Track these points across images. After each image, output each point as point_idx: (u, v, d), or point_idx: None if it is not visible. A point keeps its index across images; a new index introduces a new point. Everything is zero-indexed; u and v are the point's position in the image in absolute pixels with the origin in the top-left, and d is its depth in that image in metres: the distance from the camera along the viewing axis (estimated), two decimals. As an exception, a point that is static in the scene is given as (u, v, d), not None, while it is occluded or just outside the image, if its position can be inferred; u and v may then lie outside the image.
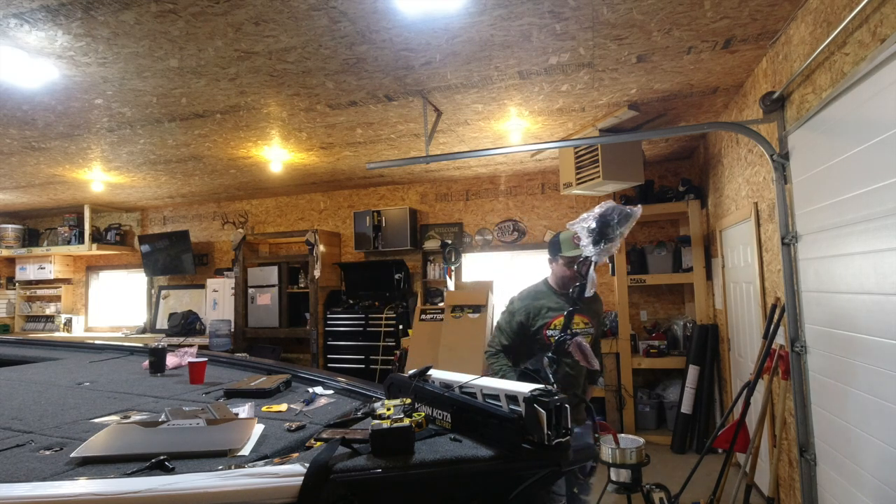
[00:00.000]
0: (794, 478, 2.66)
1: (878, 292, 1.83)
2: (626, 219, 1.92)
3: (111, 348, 3.20)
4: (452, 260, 5.50)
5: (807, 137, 2.35)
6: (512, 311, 2.39)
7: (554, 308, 2.31)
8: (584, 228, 1.97)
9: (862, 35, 1.82)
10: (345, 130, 3.94)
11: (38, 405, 1.77)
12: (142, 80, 2.90)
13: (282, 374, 2.09)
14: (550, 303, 2.33)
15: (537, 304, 2.35)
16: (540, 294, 2.39)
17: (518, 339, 2.35)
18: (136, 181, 5.47)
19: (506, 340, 2.36)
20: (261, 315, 5.99)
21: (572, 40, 2.58)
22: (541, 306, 2.35)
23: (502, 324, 2.42)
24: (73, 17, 2.22)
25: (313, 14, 2.26)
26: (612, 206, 1.95)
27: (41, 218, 7.63)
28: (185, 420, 1.43)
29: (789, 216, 2.53)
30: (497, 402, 1.19)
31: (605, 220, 1.92)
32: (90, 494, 0.94)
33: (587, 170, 4.05)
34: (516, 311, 2.37)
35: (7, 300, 7.55)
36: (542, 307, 2.34)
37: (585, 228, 1.96)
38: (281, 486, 0.96)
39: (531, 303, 2.37)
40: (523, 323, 2.33)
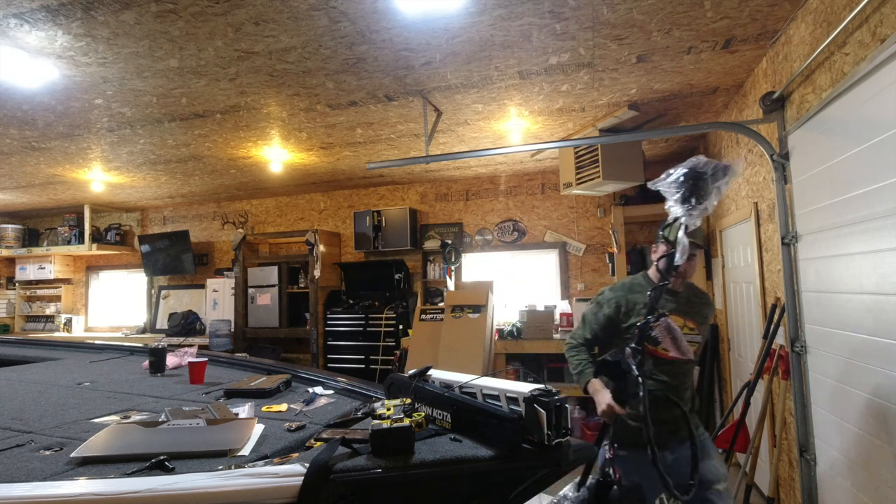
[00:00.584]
0: (794, 478, 2.66)
1: (878, 292, 1.83)
2: (724, 172, 1.63)
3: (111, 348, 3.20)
4: (452, 260, 5.50)
5: (807, 137, 2.35)
6: (600, 302, 2.12)
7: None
8: (670, 183, 1.67)
9: (862, 35, 1.82)
10: (345, 130, 3.94)
11: (38, 405, 1.77)
12: (142, 80, 2.90)
13: (282, 374, 2.09)
14: (647, 298, 1.95)
15: (631, 298, 2.06)
16: (636, 287, 2.09)
17: (605, 334, 2.09)
18: (136, 181, 5.47)
19: (588, 334, 2.12)
20: (261, 315, 5.99)
21: (572, 40, 2.58)
22: (635, 301, 2.05)
23: (587, 315, 2.16)
24: (73, 17, 2.22)
25: (313, 14, 2.26)
26: (705, 159, 1.66)
27: (41, 218, 7.63)
28: (185, 420, 1.43)
29: (789, 216, 2.53)
30: (497, 402, 1.19)
31: (696, 172, 1.63)
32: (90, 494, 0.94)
33: (587, 170, 4.05)
34: (605, 303, 2.10)
35: (7, 300, 7.55)
36: (637, 302, 2.04)
37: (671, 182, 1.66)
38: (281, 486, 0.96)
39: (624, 295, 2.08)
40: (611, 317, 2.06)
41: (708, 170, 1.63)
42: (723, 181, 1.63)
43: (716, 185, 1.63)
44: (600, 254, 5.37)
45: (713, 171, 1.63)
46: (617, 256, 4.79)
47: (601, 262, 5.36)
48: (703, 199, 1.63)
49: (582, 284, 5.42)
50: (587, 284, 5.41)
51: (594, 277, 5.41)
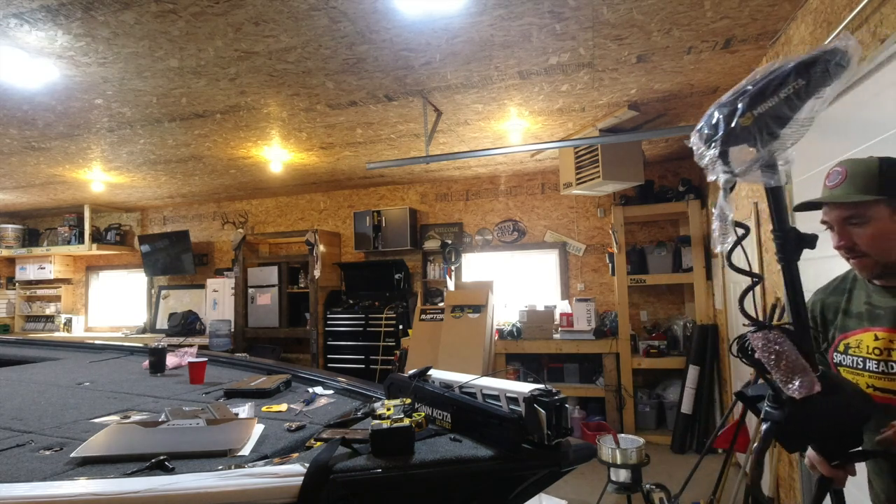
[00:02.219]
0: (793, 478, 2.66)
1: (878, 292, 1.82)
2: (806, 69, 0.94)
3: (111, 348, 3.20)
4: (452, 260, 5.50)
5: (807, 137, 2.34)
6: None
7: (855, 313, 1.28)
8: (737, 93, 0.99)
9: (862, 35, 1.82)
10: (345, 130, 3.94)
11: (38, 405, 1.77)
12: (142, 80, 2.90)
13: (282, 374, 2.09)
14: (854, 302, 1.31)
15: (831, 302, 1.38)
16: (840, 286, 1.40)
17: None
18: (136, 181, 5.47)
19: None
20: (261, 315, 5.99)
21: (572, 40, 2.58)
22: (833, 304, 1.37)
23: None
24: (73, 17, 2.22)
25: (313, 14, 2.26)
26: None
27: (41, 218, 7.63)
28: (185, 420, 1.43)
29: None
30: (497, 402, 1.19)
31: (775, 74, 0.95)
32: (90, 494, 0.94)
33: (587, 170, 4.05)
34: (809, 309, 1.39)
35: (7, 300, 7.55)
36: (838, 308, 1.35)
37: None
38: (281, 486, 0.96)
39: (824, 298, 1.41)
40: (812, 330, 1.34)
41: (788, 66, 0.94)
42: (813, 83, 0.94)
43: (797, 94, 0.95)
44: (600, 254, 5.37)
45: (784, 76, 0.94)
46: (617, 256, 4.79)
47: (601, 262, 5.36)
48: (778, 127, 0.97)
49: (582, 284, 5.42)
50: (587, 284, 5.42)
51: (594, 277, 5.41)
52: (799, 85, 0.95)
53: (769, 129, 0.97)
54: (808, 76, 0.94)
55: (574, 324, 4.82)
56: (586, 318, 4.79)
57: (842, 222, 1.24)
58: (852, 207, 1.20)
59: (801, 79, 0.94)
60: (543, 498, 2.94)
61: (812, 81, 0.94)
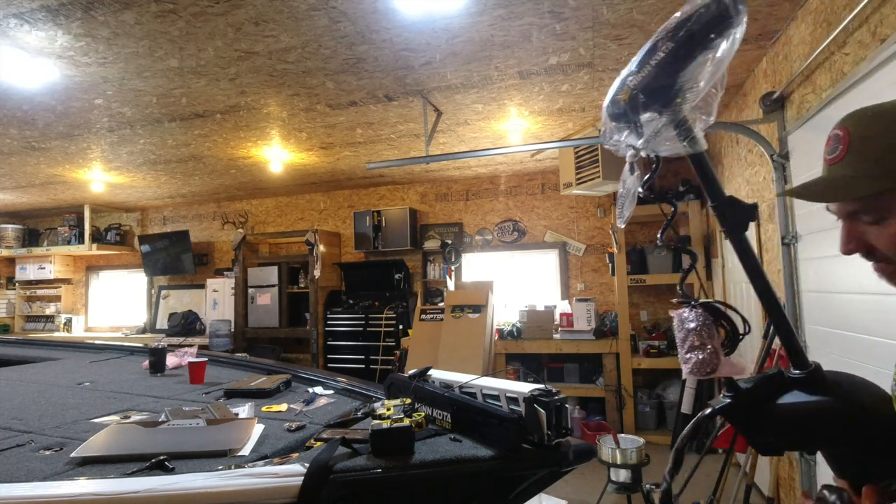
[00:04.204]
0: (793, 478, 2.66)
1: (878, 292, 1.83)
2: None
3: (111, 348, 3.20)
4: (452, 260, 5.50)
5: (807, 138, 2.35)
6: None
7: None
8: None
9: (862, 35, 1.82)
10: (345, 130, 3.94)
11: (38, 405, 1.77)
12: (142, 80, 2.90)
13: (282, 374, 2.09)
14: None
15: None
16: None
17: None
18: (136, 181, 5.47)
19: None
20: (261, 315, 5.99)
21: (572, 40, 2.58)
22: None
23: None
24: (73, 17, 2.22)
25: (313, 14, 2.26)
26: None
27: (41, 218, 7.63)
28: (185, 420, 1.43)
29: (789, 216, 2.53)
30: (497, 402, 1.19)
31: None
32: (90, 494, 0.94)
33: (587, 170, 4.05)
34: None
35: (7, 300, 7.55)
36: None
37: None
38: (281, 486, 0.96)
39: None
40: None
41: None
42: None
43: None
44: (600, 254, 5.37)
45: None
46: (617, 256, 4.79)
47: (601, 262, 5.36)
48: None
49: (582, 284, 5.42)
50: (587, 284, 5.42)
51: (594, 277, 5.41)
52: (668, 48, 0.84)
53: (654, 100, 0.86)
54: (676, 39, 0.85)
55: (574, 324, 4.82)
56: (586, 318, 4.79)
57: (848, 217, 0.86)
58: (859, 199, 0.81)
59: (671, 42, 0.85)
60: (543, 498, 2.94)
61: (681, 43, 0.84)
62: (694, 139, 0.88)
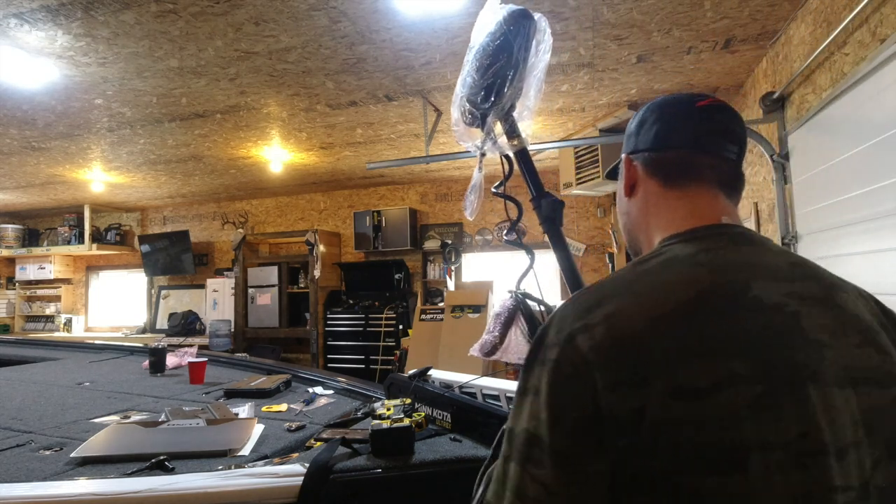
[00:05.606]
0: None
1: (879, 292, 1.82)
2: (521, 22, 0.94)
3: (111, 348, 3.20)
4: (452, 260, 5.50)
5: (807, 137, 2.35)
6: None
7: None
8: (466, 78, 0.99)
9: (862, 35, 1.82)
10: (345, 130, 3.94)
11: (38, 405, 1.77)
12: (142, 80, 2.90)
13: (282, 374, 2.10)
14: None
15: None
16: None
17: None
18: (136, 181, 5.47)
19: None
20: (261, 315, 5.99)
21: (572, 40, 2.58)
22: None
23: None
24: (73, 17, 2.22)
25: (313, 14, 2.26)
26: None
27: (41, 218, 7.63)
28: (185, 420, 1.43)
29: (789, 216, 2.53)
30: (497, 403, 1.19)
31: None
32: (90, 494, 0.94)
33: (587, 170, 4.05)
34: None
35: (7, 300, 7.55)
36: None
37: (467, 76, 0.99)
38: (281, 486, 0.96)
39: None
40: None
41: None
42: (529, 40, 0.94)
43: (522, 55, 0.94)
44: (600, 254, 5.37)
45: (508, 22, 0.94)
46: (617, 256, 4.79)
47: (601, 262, 5.36)
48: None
49: (582, 284, 5.42)
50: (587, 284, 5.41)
51: (594, 277, 5.41)
52: (475, 60, 0.99)
53: (478, 106, 0.99)
54: (478, 52, 0.99)
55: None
56: (586, 318, 4.78)
57: None
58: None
59: (476, 55, 1.00)
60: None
61: (482, 55, 0.98)
62: (518, 137, 0.99)
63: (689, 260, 0.61)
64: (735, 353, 0.52)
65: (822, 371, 0.54)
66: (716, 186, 0.70)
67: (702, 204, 0.69)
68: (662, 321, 0.53)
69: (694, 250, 0.62)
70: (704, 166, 0.70)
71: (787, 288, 0.59)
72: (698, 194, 0.69)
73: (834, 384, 0.54)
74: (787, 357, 0.53)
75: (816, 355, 0.54)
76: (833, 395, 0.53)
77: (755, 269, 0.60)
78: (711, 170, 0.70)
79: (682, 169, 0.70)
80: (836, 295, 0.61)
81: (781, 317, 0.56)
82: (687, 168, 0.70)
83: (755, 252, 0.63)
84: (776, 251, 0.65)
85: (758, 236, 0.67)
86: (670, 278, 0.59)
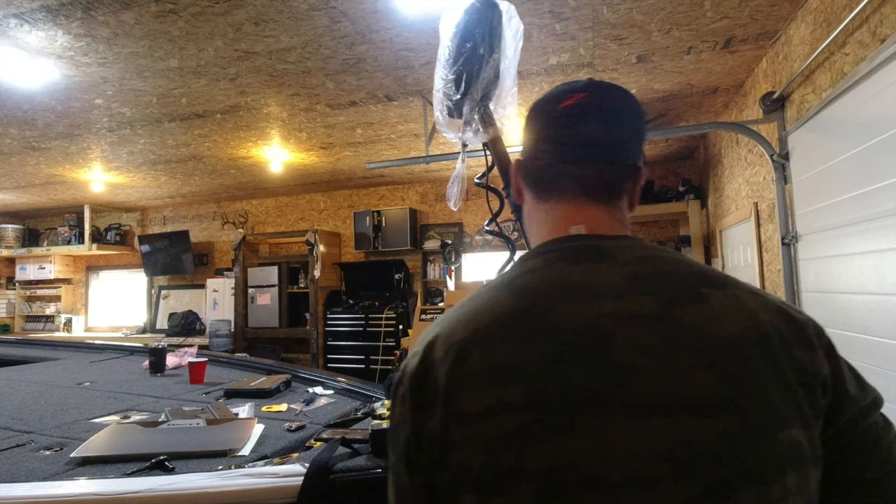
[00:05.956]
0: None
1: (878, 292, 1.83)
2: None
3: (111, 348, 3.20)
4: (452, 260, 5.49)
5: (807, 137, 2.35)
6: None
7: None
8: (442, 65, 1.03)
9: (862, 35, 1.82)
10: (345, 130, 3.94)
11: (38, 405, 1.77)
12: (142, 80, 2.90)
13: (282, 374, 2.10)
14: None
15: None
16: None
17: None
18: (136, 181, 5.47)
19: None
20: (261, 315, 5.99)
21: (572, 40, 2.58)
22: None
23: None
24: (73, 17, 2.22)
25: (313, 14, 2.26)
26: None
27: (41, 218, 7.63)
28: (185, 420, 1.43)
29: (789, 216, 2.53)
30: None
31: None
32: (90, 494, 0.94)
33: (587, 170, 4.05)
34: None
35: (7, 300, 7.55)
36: None
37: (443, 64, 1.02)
38: (281, 486, 0.96)
39: None
40: None
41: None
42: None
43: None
44: (600, 254, 5.37)
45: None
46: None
47: (601, 262, 5.35)
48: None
49: (582, 284, 5.42)
50: (587, 284, 5.41)
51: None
52: (446, 53, 1.05)
53: (448, 99, 1.05)
54: (452, 45, 1.05)
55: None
56: (586, 318, 4.78)
57: None
58: None
59: (448, 48, 1.06)
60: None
61: (454, 47, 1.03)
62: (492, 126, 1.01)
63: (507, 283, 0.61)
64: (510, 381, 0.52)
65: (620, 398, 0.50)
66: (580, 196, 0.64)
67: (559, 216, 0.65)
68: (455, 347, 0.55)
69: (523, 270, 0.62)
70: (567, 176, 0.65)
71: (609, 307, 0.55)
72: (558, 207, 0.66)
73: (634, 413, 0.49)
74: (570, 384, 0.51)
75: (616, 381, 0.51)
76: (623, 426, 0.49)
77: (571, 290, 0.57)
78: (574, 179, 0.64)
79: (548, 180, 0.66)
80: (680, 310, 0.54)
81: (586, 340, 0.53)
82: (552, 179, 0.66)
83: (590, 269, 0.58)
84: (623, 262, 0.59)
85: (609, 245, 0.61)
86: (484, 303, 0.59)
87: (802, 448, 0.51)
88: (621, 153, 0.64)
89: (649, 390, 0.50)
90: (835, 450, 0.56)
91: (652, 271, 0.58)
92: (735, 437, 0.49)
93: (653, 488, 0.48)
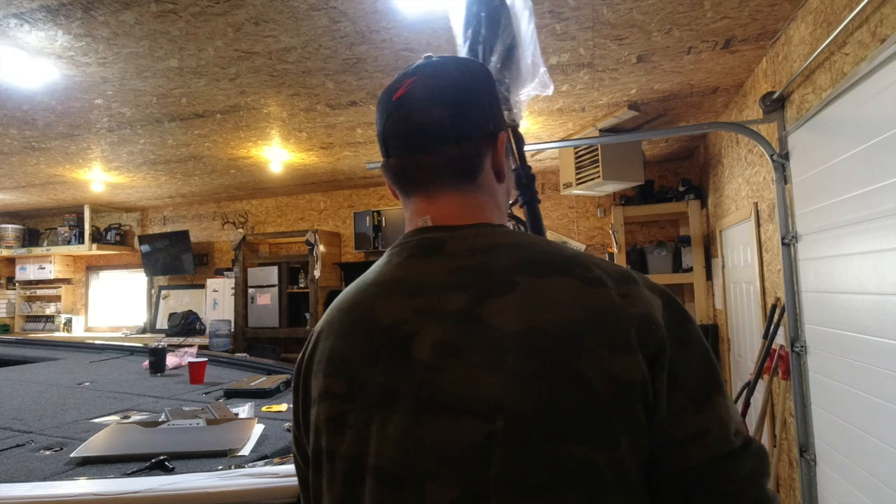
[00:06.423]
0: (794, 478, 2.66)
1: (878, 292, 1.83)
2: None
3: (111, 348, 3.20)
4: (452, 260, 5.49)
5: (807, 137, 2.35)
6: None
7: None
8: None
9: (862, 35, 1.82)
10: (345, 130, 3.94)
11: (38, 405, 1.77)
12: (142, 80, 2.90)
13: (282, 374, 2.10)
14: None
15: None
16: None
17: None
18: (136, 181, 5.47)
19: None
20: (261, 315, 5.99)
21: (572, 40, 2.58)
22: None
23: None
24: (73, 17, 2.21)
25: (313, 14, 2.26)
26: None
27: (41, 218, 7.63)
28: (185, 420, 1.43)
29: (789, 216, 2.53)
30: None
31: None
32: (90, 494, 0.94)
33: (587, 170, 4.05)
34: None
35: (7, 300, 7.54)
36: None
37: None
38: (281, 486, 0.96)
39: None
40: None
41: None
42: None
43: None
44: (600, 254, 5.37)
45: None
46: (617, 256, 4.79)
47: (601, 262, 5.35)
48: None
49: (582, 284, 5.42)
50: (587, 284, 5.41)
51: (594, 277, 5.41)
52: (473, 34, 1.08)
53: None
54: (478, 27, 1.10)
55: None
56: (586, 318, 4.78)
57: None
58: None
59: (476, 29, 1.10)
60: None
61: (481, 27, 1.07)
62: (511, 112, 0.99)
63: (362, 277, 0.69)
64: (337, 372, 0.58)
65: (406, 395, 0.52)
66: (433, 185, 0.63)
67: (414, 210, 0.66)
68: (313, 337, 0.66)
69: (378, 263, 0.69)
70: (419, 167, 0.63)
71: (421, 303, 0.55)
72: (415, 200, 0.65)
73: (421, 412, 0.50)
74: (375, 381, 0.55)
75: (407, 378, 0.52)
76: (411, 423, 0.51)
77: (393, 286, 0.61)
78: (425, 169, 0.63)
79: (404, 176, 0.65)
80: (483, 305, 0.52)
81: (395, 337, 0.55)
82: (404, 174, 0.65)
83: (416, 264, 0.60)
84: (451, 255, 0.58)
85: (444, 237, 0.60)
86: (342, 295, 0.70)
87: (594, 469, 0.45)
88: (466, 127, 0.61)
89: (438, 390, 0.51)
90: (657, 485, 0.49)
91: (476, 264, 0.56)
92: (501, 443, 0.46)
93: (421, 485, 0.49)
